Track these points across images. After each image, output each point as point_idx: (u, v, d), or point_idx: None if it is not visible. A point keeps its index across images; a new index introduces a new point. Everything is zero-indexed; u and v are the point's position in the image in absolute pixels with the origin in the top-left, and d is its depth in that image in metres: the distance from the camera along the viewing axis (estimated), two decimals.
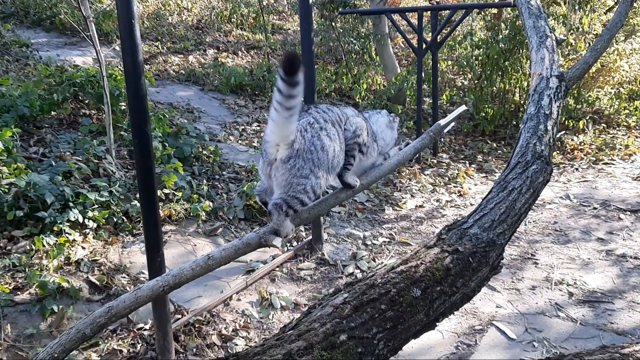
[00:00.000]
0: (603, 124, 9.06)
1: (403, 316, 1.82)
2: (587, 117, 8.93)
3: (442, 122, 1.98)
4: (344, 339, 1.66)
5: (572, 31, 8.56)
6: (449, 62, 10.76)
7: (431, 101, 8.19)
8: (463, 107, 2.15)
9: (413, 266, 1.96)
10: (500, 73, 8.78)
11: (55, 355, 1.33)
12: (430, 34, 7.62)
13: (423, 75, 7.65)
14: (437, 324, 1.98)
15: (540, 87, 2.68)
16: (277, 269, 4.67)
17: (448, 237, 2.14)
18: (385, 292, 1.85)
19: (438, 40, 7.49)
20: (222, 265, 1.44)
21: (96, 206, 4.51)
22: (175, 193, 5.09)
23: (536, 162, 2.30)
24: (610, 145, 8.19)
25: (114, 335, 3.62)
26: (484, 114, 8.72)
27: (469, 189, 6.87)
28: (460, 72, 11.07)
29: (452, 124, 2.02)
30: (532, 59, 2.93)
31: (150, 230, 3.28)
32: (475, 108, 9.00)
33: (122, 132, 5.77)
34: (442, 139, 8.60)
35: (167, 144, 5.73)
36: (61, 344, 1.38)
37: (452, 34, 9.30)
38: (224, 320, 3.97)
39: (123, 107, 6.04)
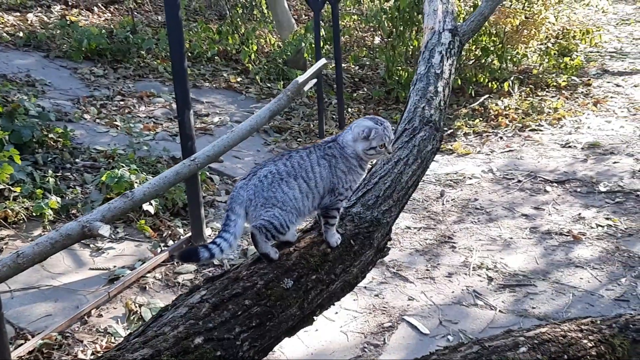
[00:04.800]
0: (531, 85, 9.70)
1: (272, 311, 1.93)
2: (513, 78, 9.52)
3: (300, 79, 2.10)
4: (199, 342, 1.74)
5: None
6: (355, 17, 11.03)
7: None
8: (323, 61, 2.28)
9: (284, 253, 2.08)
10: (415, 29, 9.14)
11: None
12: None
13: (323, 33, 7.81)
14: (315, 317, 2.12)
15: (432, 43, 2.88)
16: (148, 275, 4.67)
17: None
18: (251, 285, 1.95)
19: None
20: (37, 263, 1.47)
21: None
22: (12, 188, 4.93)
23: (424, 129, 2.48)
24: (538, 109, 8.81)
25: None
26: (397, 78, 9.06)
27: None
28: (372, 29, 11.39)
29: (313, 80, 2.14)
30: (425, 11, 3.14)
31: None
32: (388, 71, 9.32)
33: None
34: (349, 109, 8.85)
35: None
36: None
37: None
38: (81, 342, 3.94)
39: None
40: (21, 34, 8.93)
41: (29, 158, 5.55)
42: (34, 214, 4.86)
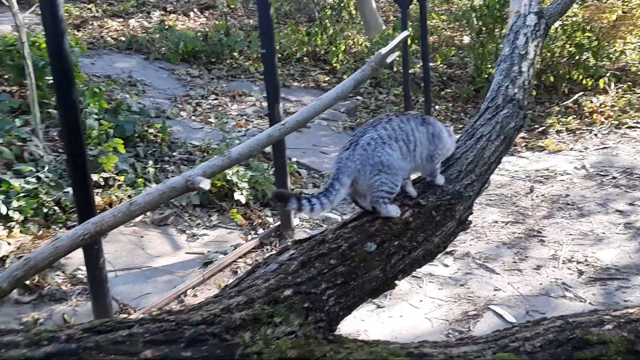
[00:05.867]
0: (629, 82, 9.37)
1: (356, 272, 2.05)
2: (609, 75, 9.24)
3: (383, 50, 2.22)
4: (288, 294, 1.89)
5: None
6: (443, 16, 11.02)
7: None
8: (405, 33, 2.40)
9: (368, 220, 2.20)
10: (503, 27, 9.05)
11: None
12: None
13: (411, 31, 7.86)
14: (397, 282, 2.22)
15: (517, 25, 2.93)
16: (239, 260, 4.91)
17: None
18: (336, 247, 2.08)
19: None
20: (147, 211, 1.66)
21: (22, 195, 4.69)
22: (117, 177, 5.29)
23: (507, 106, 2.54)
24: (637, 106, 8.51)
25: None
26: (486, 76, 8.99)
27: None
28: (461, 28, 11.34)
29: (396, 52, 2.25)
30: None
31: (85, 220, 3.45)
32: (477, 69, 9.27)
33: (49, 109, 5.95)
34: (437, 107, 8.86)
35: (104, 122, 5.91)
36: None
37: None
38: None
39: (51, 81, 6.20)
40: (124, 38, 9.51)
41: (131, 151, 5.94)
42: None
